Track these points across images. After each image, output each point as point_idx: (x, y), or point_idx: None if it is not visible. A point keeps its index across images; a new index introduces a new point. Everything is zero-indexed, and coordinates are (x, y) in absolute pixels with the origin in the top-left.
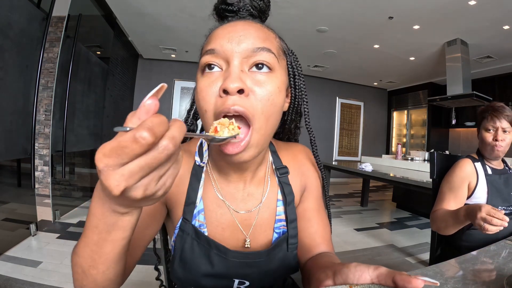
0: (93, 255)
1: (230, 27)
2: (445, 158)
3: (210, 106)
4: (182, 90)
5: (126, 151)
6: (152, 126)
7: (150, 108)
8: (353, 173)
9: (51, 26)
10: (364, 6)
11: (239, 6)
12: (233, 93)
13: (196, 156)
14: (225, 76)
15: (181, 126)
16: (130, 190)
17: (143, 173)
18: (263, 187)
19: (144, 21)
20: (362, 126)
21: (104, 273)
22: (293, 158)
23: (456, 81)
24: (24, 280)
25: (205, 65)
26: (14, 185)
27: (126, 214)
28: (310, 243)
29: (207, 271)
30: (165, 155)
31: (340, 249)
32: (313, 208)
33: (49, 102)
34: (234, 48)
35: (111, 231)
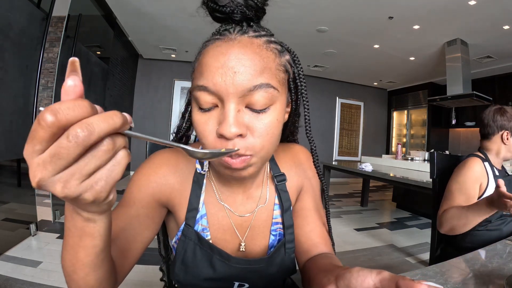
0: (71, 260)
1: (222, 56)
2: (445, 158)
3: (210, 146)
4: (182, 90)
5: (35, 136)
6: (59, 108)
7: (69, 90)
8: (353, 173)
9: (51, 26)
10: (364, 6)
11: (232, 8)
12: (232, 139)
13: (197, 164)
14: (221, 118)
15: (107, 117)
16: (48, 183)
17: (56, 164)
18: (261, 190)
19: (144, 21)
20: (362, 126)
21: (84, 279)
22: (291, 159)
23: (456, 81)
24: (24, 280)
25: (199, 102)
26: (14, 185)
27: (89, 220)
28: (307, 241)
29: (208, 275)
30: (74, 144)
31: (340, 249)
32: (309, 207)
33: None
34: (228, 87)
35: (81, 236)
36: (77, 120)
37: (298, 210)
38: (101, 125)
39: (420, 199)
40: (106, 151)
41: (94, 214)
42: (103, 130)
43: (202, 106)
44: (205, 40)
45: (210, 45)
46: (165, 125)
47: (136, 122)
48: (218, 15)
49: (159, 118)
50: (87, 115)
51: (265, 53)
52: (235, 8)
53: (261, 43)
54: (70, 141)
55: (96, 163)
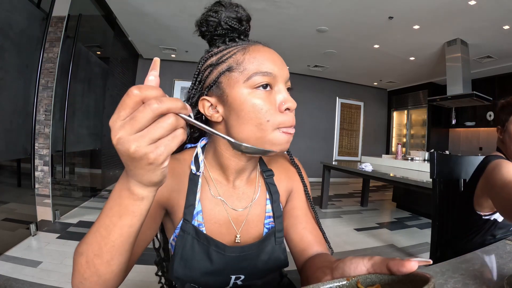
0: (100, 241)
1: (272, 54)
2: (445, 158)
3: (272, 118)
4: (182, 90)
5: (122, 105)
6: (143, 87)
7: (151, 82)
8: (353, 173)
9: (51, 26)
10: (364, 6)
11: (246, 32)
12: (292, 111)
13: (192, 166)
14: (281, 96)
15: (173, 99)
16: (124, 141)
17: (132, 126)
18: (254, 187)
19: (144, 21)
20: (362, 126)
21: (108, 263)
22: (281, 165)
23: (456, 81)
24: (24, 280)
25: (261, 84)
26: (14, 185)
27: (137, 198)
28: (302, 240)
29: (206, 268)
30: (148, 110)
31: (340, 249)
32: (300, 207)
33: (49, 102)
34: (282, 74)
35: (122, 215)
36: (153, 97)
37: (289, 210)
38: (169, 102)
39: (420, 199)
40: (170, 123)
41: (145, 189)
42: (170, 105)
43: (265, 87)
44: (225, 47)
45: (251, 45)
46: None
47: None
48: (233, 36)
49: None
50: (160, 95)
51: None
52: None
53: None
54: (145, 108)
55: (161, 132)
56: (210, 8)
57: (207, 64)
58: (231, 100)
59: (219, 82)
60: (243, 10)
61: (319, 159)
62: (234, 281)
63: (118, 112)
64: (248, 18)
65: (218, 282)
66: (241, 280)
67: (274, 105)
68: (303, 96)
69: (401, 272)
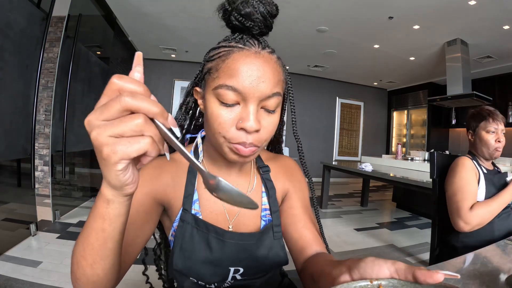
0: (83, 243)
1: (252, 66)
2: (445, 158)
3: (227, 135)
4: (182, 90)
5: (104, 91)
6: (125, 77)
7: (136, 78)
8: (353, 173)
9: (51, 26)
10: (364, 6)
11: (254, 23)
12: (251, 133)
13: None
14: (244, 115)
15: (149, 100)
16: (90, 125)
17: (101, 113)
18: (249, 179)
19: (144, 21)
20: (362, 126)
21: (91, 266)
22: (280, 166)
23: (456, 81)
24: (24, 280)
25: (223, 98)
26: (14, 185)
27: (107, 201)
28: (300, 238)
29: (206, 257)
30: (117, 100)
31: (340, 249)
32: (297, 206)
33: (49, 102)
34: (253, 91)
35: (95, 218)
36: (130, 90)
37: (287, 209)
38: (142, 102)
39: (420, 199)
40: (135, 124)
41: (111, 191)
42: (141, 105)
43: (227, 102)
44: (225, 44)
45: (237, 51)
46: None
47: None
48: (238, 25)
49: None
50: (138, 91)
51: (278, 68)
52: (256, 24)
53: (275, 59)
54: (116, 98)
55: (123, 129)
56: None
57: (207, 57)
58: (204, 101)
59: (205, 79)
60: (263, 4)
61: (319, 159)
62: (233, 274)
63: (100, 99)
64: (265, 15)
65: (218, 273)
66: (240, 274)
67: (233, 121)
68: (303, 96)
69: (427, 283)
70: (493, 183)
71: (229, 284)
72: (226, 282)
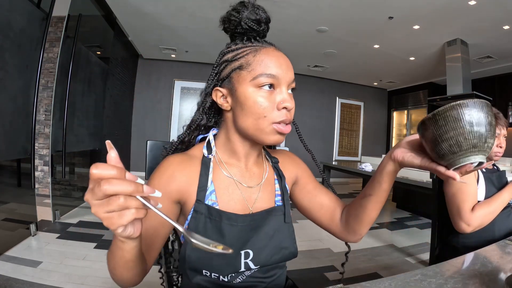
0: (112, 260)
1: (279, 58)
2: None
3: (272, 116)
4: (182, 90)
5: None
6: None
7: (112, 158)
8: (353, 173)
9: (51, 26)
10: (364, 6)
11: (261, 27)
12: (290, 110)
13: (204, 149)
14: (281, 96)
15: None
16: (90, 203)
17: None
18: (263, 168)
19: (144, 21)
20: (362, 126)
21: (121, 274)
22: (285, 156)
23: (456, 81)
24: (24, 280)
25: (265, 84)
26: (14, 185)
27: (120, 241)
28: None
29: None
30: (99, 190)
31: (340, 249)
32: (310, 182)
33: (49, 102)
34: (285, 76)
35: (117, 248)
36: (108, 177)
37: (301, 189)
38: (118, 186)
39: (420, 199)
40: (118, 204)
41: (123, 240)
42: (118, 189)
43: (267, 88)
44: (241, 45)
45: (262, 48)
46: (165, 125)
47: (136, 122)
48: (248, 30)
49: (159, 118)
50: (113, 176)
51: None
52: (263, 27)
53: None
54: (98, 187)
55: (112, 208)
56: (234, 7)
57: (223, 60)
58: (238, 94)
59: (231, 77)
60: (263, 12)
61: (319, 159)
62: (245, 260)
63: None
64: (267, 21)
65: (230, 262)
66: (251, 259)
67: (274, 104)
68: (303, 96)
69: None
70: (492, 182)
71: (241, 279)
72: (239, 277)
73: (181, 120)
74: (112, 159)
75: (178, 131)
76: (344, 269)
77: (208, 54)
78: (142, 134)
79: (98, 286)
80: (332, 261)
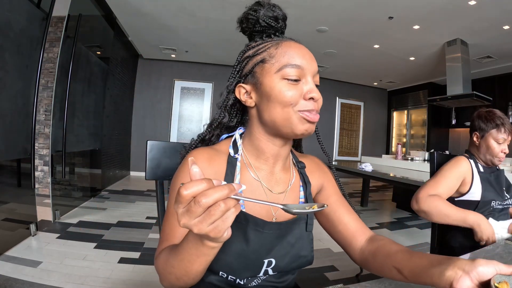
0: (185, 268)
1: (302, 49)
2: (445, 158)
3: (298, 105)
4: (182, 90)
5: (178, 199)
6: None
7: (196, 174)
8: (353, 173)
9: (51, 26)
10: (364, 6)
11: (279, 24)
12: (317, 100)
13: (230, 149)
14: (307, 86)
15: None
16: (187, 226)
17: (190, 217)
18: (289, 174)
19: (144, 21)
20: (362, 126)
21: (193, 279)
22: (311, 161)
23: (456, 81)
24: (24, 280)
25: (290, 76)
26: (14, 185)
27: (212, 247)
28: (348, 223)
29: (241, 249)
30: (198, 206)
31: (340, 249)
32: (334, 194)
33: (49, 102)
34: (309, 67)
35: (199, 256)
36: (199, 193)
37: (324, 199)
38: (215, 194)
39: None
40: (221, 211)
41: (217, 244)
42: (217, 197)
43: (293, 78)
44: (261, 41)
45: (283, 41)
46: (165, 125)
47: (136, 122)
48: (266, 27)
49: (159, 118)
50: (206, 189)
51: None
52: (281, 24)
53: None
54: (196, 204)
55: (215, 218)
56: (250, 7)
57: (245, 56)
58: (263, 87)
59: (254, 72)
60: (279, 9)
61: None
62: (266, 268)
63: (177, 203)
64: (284, 17)
65: (250, 267)
66: (272, 268)
67: (300, 93)
68: None
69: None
70: (489, 182)
71: (256, 283)
72: (255, 280)
73: (181, 120)
74: (196, 174)
75: (178, 131)
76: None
77: (208, 54)
78: (142, 134)
79: (98, 286)
80: (332, 261)
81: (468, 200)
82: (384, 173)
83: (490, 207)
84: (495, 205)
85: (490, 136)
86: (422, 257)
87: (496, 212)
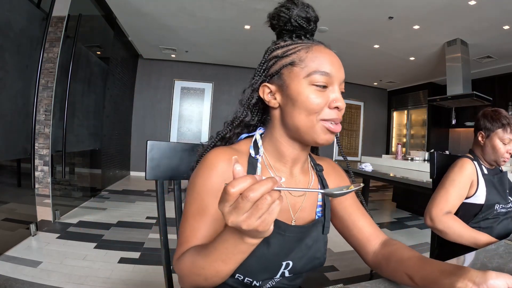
0: (217, 268)
1: (332, 56)
2: (445, 158)
3: (323, 114)
4: (182, 90)
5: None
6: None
7: (239, 171)
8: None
9: (51, 26)
10: (364, 6)
11: (310, 26)
12: (341, 110)
13: (250, 149)
14: (334, 95)
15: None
16: (236, 223)
17: (237, 213)
18: (308, 177)
19: (144, 21)
20: (362, 126)
21: (223, 279)
22: (328, 164)
23: (456, 81)
24: (24, 280)
25: (319, 82)
26: (14, 185)
27: (252, 244)
28: (363, 227)
29: (262, 252)
30: (246, 201)
31: (340, 249)
32: (349, 198)
33: (49, 102)
34: (338, 76)
35: (236, 254)
36: (246, 189)
37: (340, 203)
38: (262, 188)
39: (420, 199)
40: (267, 204)
41: (258, 240)
42: (263, 191)
43: (321, 85)
44: (291, 42)
45: (314, 45)
46: (165, 125)
47: (136, 122)
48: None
49: (159, 118)
50: (251, 184)
51: None
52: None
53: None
54: (244, 200)
55: (262, 211)
56: (283, 4)
57: (273, 55)
58: (290, 91)
59: (281, 73)
60: (313, 11)
61: None
62: (283, 270)
63: (224, 201)
64: (316, 19)
65: (269, 269)
66: (289, 270)
67: (326, 101)
68: None
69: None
70: (493, 184)
71: (271, 285)
72: (270, 282)
73: (181, 120)
74: (239, 172)
75: (178, 131)
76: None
77: (208, 54)
78: (142, 134)
79: (98, 286)
80: (332, 261)
81: (472, 203)
82: (384, 173)
83: (494, 210)
84: (499, 209)
85: (496, 135)
86: (434, 265)
87: (500, 215)
